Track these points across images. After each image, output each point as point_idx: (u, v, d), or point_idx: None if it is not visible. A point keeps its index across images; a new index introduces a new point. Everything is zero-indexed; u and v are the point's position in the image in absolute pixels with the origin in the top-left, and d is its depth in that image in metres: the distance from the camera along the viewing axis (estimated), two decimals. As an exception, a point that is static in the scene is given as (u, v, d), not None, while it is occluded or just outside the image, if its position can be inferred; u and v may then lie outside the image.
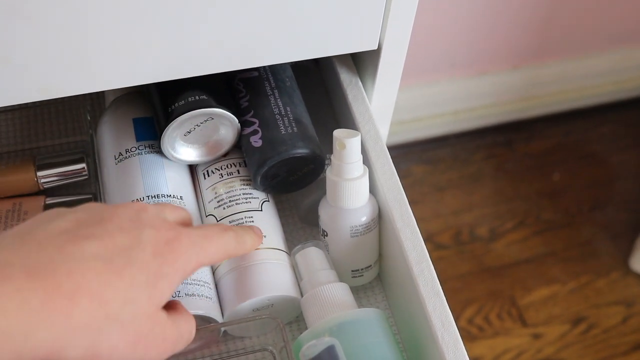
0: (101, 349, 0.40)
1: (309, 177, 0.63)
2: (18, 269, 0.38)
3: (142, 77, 0.55)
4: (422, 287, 0.55)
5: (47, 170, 0.66)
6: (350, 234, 0.59)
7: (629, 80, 1.61)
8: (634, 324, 1.35)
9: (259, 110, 0.62)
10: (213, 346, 0.61)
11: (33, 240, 0.41)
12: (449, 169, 1.53)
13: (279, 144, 0.60)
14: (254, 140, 0.61)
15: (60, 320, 0.38)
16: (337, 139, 0.56)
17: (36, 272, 0.38)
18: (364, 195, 0.59)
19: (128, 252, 0.43)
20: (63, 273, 0.39)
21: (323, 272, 0.59)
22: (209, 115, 0.59)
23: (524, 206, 1.49)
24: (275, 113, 0.62)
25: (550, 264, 1.41)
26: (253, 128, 0.61)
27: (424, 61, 1.42)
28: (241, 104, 0.63)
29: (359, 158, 0.57)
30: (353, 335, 0.54)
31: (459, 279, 1.38)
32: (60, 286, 0.38)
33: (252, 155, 0.61)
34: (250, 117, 0.62)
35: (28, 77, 0.52)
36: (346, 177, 0.57)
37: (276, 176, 0.61)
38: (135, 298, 0.42)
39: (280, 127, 0.61)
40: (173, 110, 0.59)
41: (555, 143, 1.59)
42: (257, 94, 0.64)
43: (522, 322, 1.34)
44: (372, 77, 0.64)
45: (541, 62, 1.51)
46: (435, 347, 0.53)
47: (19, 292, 0.37)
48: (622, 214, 1.49)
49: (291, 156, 0.60)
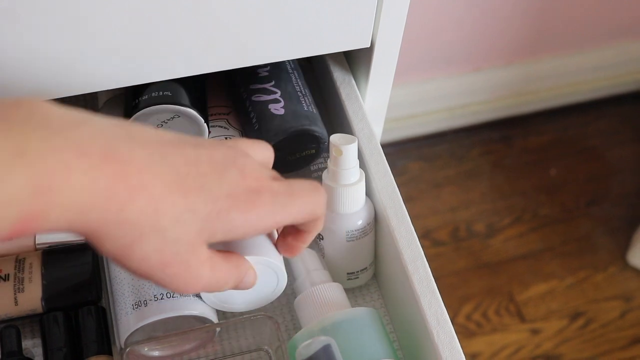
0: (134, 254, 0.40)
1: (304, 161, 0.64)
2: (99, 149, 0.37)
3: (135, 78, 0.55)
4: (417, 285, 0.55)
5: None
6: (346, 238, 0.59)
7: (624, 75, 1.61)
8: (632, 318, 1.35)
9: (281, 82, 0.63)
10: (209, 346, 0.61)
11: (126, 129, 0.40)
12: (445, 166, 1.53)
13: (302, 117, 0.61)
14: (274, 108, 0.61)
15: (114, 209, 0.38)
16: (333, 145, 0.56)
17: (113, 157, 0.38)
18: (360, 200, 0.59)
19: (203, 180, 0.42)
20: (137, 168, 0.38)
21: (316, 272, 0.59)
22: (174, 112, 0.59)
23: (521, 202, 1.49)
24: (297, 90, 0.63)
25: (547, 259, 1.41)
26: (274, 97, 0.62)
27: (419, 58, 1.42)
28: (259, 72, 0.64)
29: (355, 164, 0.57)
30: (347, 335, 0.54)
31: (456, 275, 1.38)
32: (128, 178, 0.38)
33: (269, 122, 0.61)
34: (270, 86, 0.63)
35: (19, 79, 0.52)
36: (342, 183, 0.57)
37: (280, 150, 0.61)
38: (187, 222, 0.41)
39: (302, 104, 0.62)
40: (137, 103, 0.59)
41: (552, 138, 1.59)
42: (279, 68, 0.64)
43: (520, 318, 1.34)
44: (365, 75, 0.64)
45: (536, 58, 1.51)
46: (430, 344, 0.53)
47: (92, 170, 0.37)
48: (619, 208, 1.49)
49: (311, 132, 0.61)
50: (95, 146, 0.37)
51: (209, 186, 0.42)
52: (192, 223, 0.41)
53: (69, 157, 0.36)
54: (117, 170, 0.38)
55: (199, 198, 0.41)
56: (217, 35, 0.54)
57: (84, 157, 0.36)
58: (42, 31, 0.49)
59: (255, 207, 0.43)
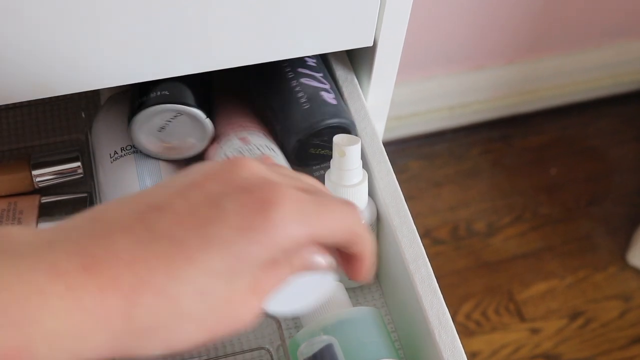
0: (175, 345, 0.34)
1: (318, 159, 0.64)
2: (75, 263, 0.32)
3: (137, 76, 0.55)
4: (419, 285, 0.55)
5: (42, 169, 0.65)
6: (348, 237, 0.59)
7: (625, 74, 1.61)
8: (631, 318, 1.35)
9: (327, 77, 0.64)
10: (210, 345, 0.61)
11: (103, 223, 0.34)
12: (445, 164, 1.53)
13: (349, 114, 0.63)
14: (327, 96, 0.62)
15: (118, 323, 0.32)
16: (337, 146, 0.55)
17: (92, 265, 0.32)
18: (363, 201, 0.59)
19: (205, 232, 0.34)
20: (125, 264, 0.33)
21: None
22: (175, 111, 0.59)
23: (521, 201, 1.49)
24: (336, 88, 0.65)
25: (547, 258, 1.41)
26: (325, 87, 0.63)
27: (421, 56, 1.42)
28: (307, 60, 0.65)
29: (358, 165, 0.57)
30: (348, 334, 0.54)
31: (456, 274, 1.38)
32: (118, 281, 0.32)
33: (322, 106, 0.61)
34: (321, 77, 0.64)
35: (22, 76, 0.52)
36: (345, 184, 0.57)
37: (315, 136, 0.61)
38: (209, 290, 0.34)
39: (342, 99, 0.64)
40: (140, 104, 0.59)
41: (552, 137, 1.59)
42: (323, 63, 0.66)
43: (520, 317, 1.34)
44: (367, 73, 0.64)
45: (537, 57, 1.51)
46: (432, 344, 0.53)
47: (71, 291, 0.31)
48: (619, 208, 1.49)
49: (350, 126, 0.62)
50: (70, 261, 0.32)
51: (213, 234, 0.34)
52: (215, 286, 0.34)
53: (42, 281, 0.31)
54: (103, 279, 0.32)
55: (211, 256, 0.34)
56: (220, 33, 0.54)
57: (58, 278, 0.31)
58: (45, 27, 0.49)
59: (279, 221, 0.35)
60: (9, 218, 0.63)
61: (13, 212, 0.63)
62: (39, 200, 0.64)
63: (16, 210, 0.63)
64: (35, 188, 0.66)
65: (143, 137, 0.60)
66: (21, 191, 0.65)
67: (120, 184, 0.61)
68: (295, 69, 0.64)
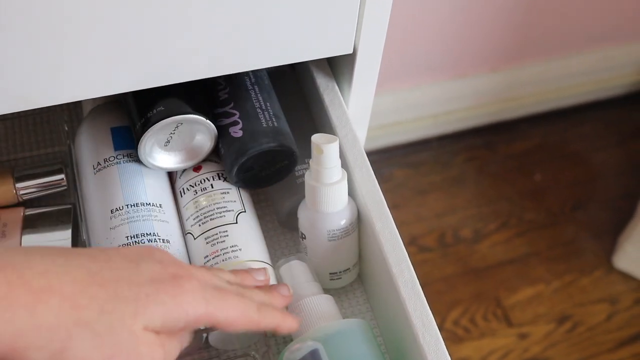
0: (70, 356, 0.38)
1: (281, 174, 0.63)
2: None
3: (118, 86, 0.55)
4: (402, 288, 0.55)
5: (26, 181, 0.66)
6: (328, 238, 0.60)
7: (607, 80, 1.62)
8: (618, 321, 1.36)
9: (240, 102, 0.63)
10: (195, 353, 0.61)
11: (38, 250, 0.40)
12: (430, 172, 1.54)
13: (260, 135, 0.61)
14: (233, 130, 0.61)
15: (22, 315, 0.36)
16: (315, 145, 0.56)
17: (7, 266, 0.36)
18: (343, 200, 0.59)
19: (119, 272, 0.41)
20: (37, 272, 0.37)
21: (307, 284, 0.59)
22: (184, 121, 0.60)
23: (507, 207, 1.50)
24: (256, 107, 0.63)
25: (534, 263, 1.42)
26: (233, 119, 0.62)
27: (404, 65, 1.42)
28: (220, 95, 0.64)
29: (337, 163, 0.57)
30: (338, 346, 0.54)
31: (443, 281, 1.38)
32: (28, 282, 0.36)
33: (230, 145, 0.61)
34: (230, 108, 0.63)
35: (3, 88, 0.52)
36: (324, 182, 0.57)
37: (250, 169, 0.61)
38: (116, 310, 0.39)
39: (261, 120, 0.62)
40: (149, 118, 0.59)
41: (536, 143, 1.60)
42: (238, 87, 0.64)
43: (507, 323, 1.34)
44: (348, 81, 0.65)
45: (520, 64, 1.52)
46: (416, 347, 0.53)
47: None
48: (604, 212, 1.50)
49: (272, 148, 0.60)
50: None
51: (127, 275, 0.41)
52: (123, 310, 0.39)
53: None
54: (13, 277, 0.36)
55: (120, 286, 0.40)
56: (199, 43, 0.54)
57: None
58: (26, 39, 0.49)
59: (185, 291, 0.42)
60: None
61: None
62: (22, 212, 0.64)
63: (0, 222, 0.63)
64: (20, 200, 0.66)
65: (154, 156, 0.61)
66: (5, 204, 0.65)
67: (104, 194, 0.61)
68: (213, 112, 0.63)
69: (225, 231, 0.60)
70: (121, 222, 0.59)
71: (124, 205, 0.60)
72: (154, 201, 0.61)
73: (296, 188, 0.64)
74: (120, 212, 0.60)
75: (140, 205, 0.60)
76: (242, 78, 0.64)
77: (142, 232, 0.59)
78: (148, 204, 0.60)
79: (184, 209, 0.63)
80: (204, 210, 0.61)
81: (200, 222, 0.61)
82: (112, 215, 0.60)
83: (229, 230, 0.60)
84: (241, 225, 0.61)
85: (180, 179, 0.64)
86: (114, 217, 0.60)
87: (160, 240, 0.59)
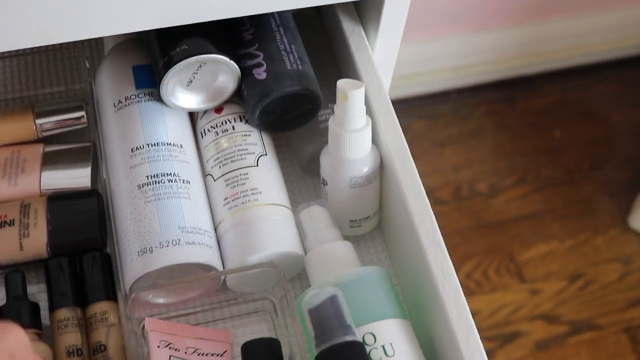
0: None
1: (303, 118, 0.63)
2: None
3: (141, 24, 0.55)
4: (424, 237, 0.54)
5: (46, 118, 0.65)
6: (350, 185, 0.59)
7: (630, 38, 1.60)
8: (631, 281, 1.35)
9: (264, 43, 0.62)
10: (213, 295, 0.61)
11: None
12: (449, 125, 1.53)
13: (284, 78, 0.60)
14: (257, 72, 0.60)
15: None
16: (340, 90, 0.55)
17: None
18: (366, 147, 0.58)
19: None
20: None
21: (327, 230, 0.59)
22: (208, 61, 0.59)
23: (524, 163, 1.49)
24: (281, 49, 0.62)
25: (548, 220, 1.42)
26: (257, 61, 0.61)
27: (425, 16, 1.40)
28: (244, 36, 0.63)
29: (362, 109, 0.56)
30: (356, 293, 0.54)
31: (457, 234, 1.38)
32: None
33: (253, 87, 0.60)
34: (254, 49, 0.62)
35: (25, 22, 0.51)
36: (348, 129, 0.57)
37: (273, 112, 0.61)
38: None
39: (286, 63, 0.61)
40: (172, 57, 0.58)
41: (555, 100, 1.58)
42: (263, 28, 0.63)
43: (520, 278, 1.34)
44: (375, 26, 0.64)
45: (543, 19, 1.50)
46: (436, 297, 0.53)
47: None
48: (621, 172, 1.49)
49: (296, 92, 0.60)
50: None
51: None
52: None
53: None
54: None
55: None
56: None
57: None
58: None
59: None
60: (13, 166, 0.63)
61: (17, 160, 0.63)
62: (42, 149, 0.64)
63: (20, 158, 0.63)
64: (39, 137, 0.65)
65: (176, 95, 0.60)
66: (25, 140, 0.65)
67: (125, 133, 0.61)
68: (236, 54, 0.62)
69: (245, 174, 0.60)
70: (142, 160, 0.59)
71: (145, 144, 0.60)
72: (175, 141, 0.61)
73: (319, 133, 0.63)
74: (141, 150, 0.59)
75: (161, 145, 0.60)
76: (268, 19, 0.63)
77: (162, 172, 0.58)
78: (169, 143, 0.60)
79: (204, 150, 0.62)
80: (225, 152, 0.61)
81: (220, 164, 0.61)
82: (133, 154, 0.59)
83: (250, 172, 0.60)
84: (262, 169, 0.61)
85: (202, 120, 0.63)
86: (134, 155, 0.59)
87: (181, 180, 0.58)
